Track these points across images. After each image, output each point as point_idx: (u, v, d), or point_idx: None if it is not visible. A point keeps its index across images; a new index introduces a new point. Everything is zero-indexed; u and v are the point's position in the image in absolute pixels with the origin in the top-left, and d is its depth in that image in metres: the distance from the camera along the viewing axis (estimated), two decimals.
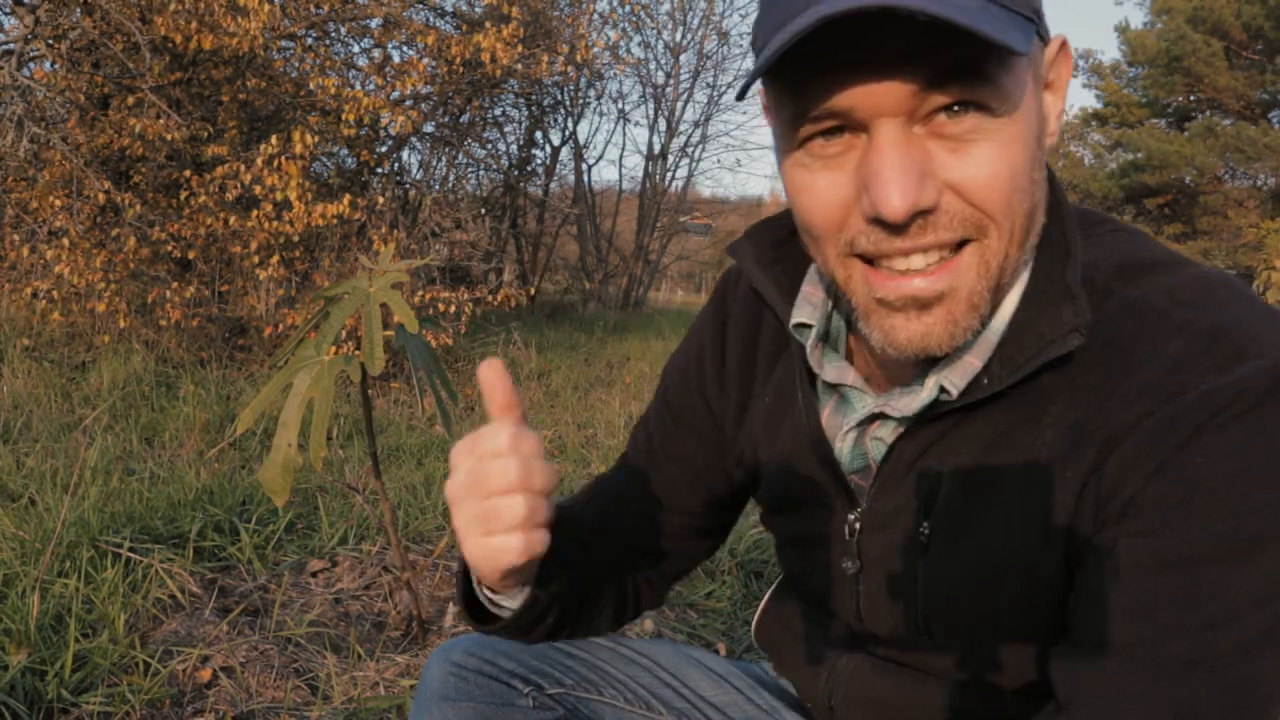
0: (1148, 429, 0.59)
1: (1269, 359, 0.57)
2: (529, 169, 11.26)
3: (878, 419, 0.72)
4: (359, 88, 5.57)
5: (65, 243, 4.67)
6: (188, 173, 4.97)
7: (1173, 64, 14.58)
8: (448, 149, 8.10)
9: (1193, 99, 15.27)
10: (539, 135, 11.14)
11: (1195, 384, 0.58)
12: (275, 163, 4.77)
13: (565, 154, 12.37)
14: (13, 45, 4.86)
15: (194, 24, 4.68)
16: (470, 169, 9.74)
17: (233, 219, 4.87)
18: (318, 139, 5.08)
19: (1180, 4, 14.57)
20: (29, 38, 4.73)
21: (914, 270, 0.59)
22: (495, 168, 10.18)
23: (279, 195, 4.73)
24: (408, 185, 7.53)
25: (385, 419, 4.12)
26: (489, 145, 9.85)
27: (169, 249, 5.01)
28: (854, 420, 0.72)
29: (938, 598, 0.71)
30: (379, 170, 6.86)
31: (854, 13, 0.50)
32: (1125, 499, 0.60)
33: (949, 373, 0.65)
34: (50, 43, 4.91)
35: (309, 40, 5.96)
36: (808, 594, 0.86)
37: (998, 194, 0.57)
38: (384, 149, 6.80)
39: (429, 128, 7.28)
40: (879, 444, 0.72)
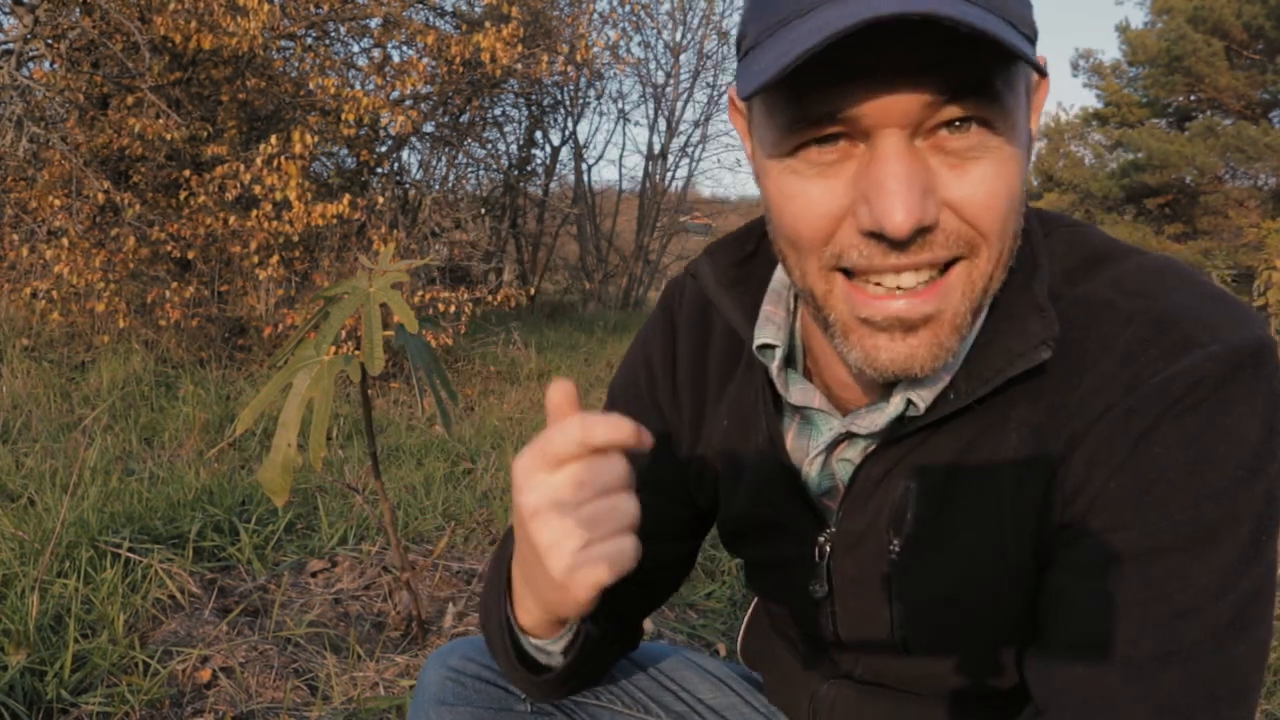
0: (1107, 424, 0.59)
1: (1220, 344, 0.57)
2: (529, 169, 11.24)
3: (845, 440, 0.71)
4: (359, 87, 5.57)
5: (65, 242, 4.66)
6: (187, 172, 4.96)
7: (1173, 64, 14.57)
8: (448, 149, 8.08)
9: (1193, 99, 15.25)
10: (539, 135, 11.13)
11: (1148, 375, 0.58)
12: (275, 162, 4.76)
13: (565, 154, 12.36)
14: (12, 45, 4.86)
15: (193, 24, 4.68)
16: (470, 169, 9.73)
17: (232, 219, 4.86)
18: (317, 139, 5.08)
19: (1181, 4, 14.56)
20: (28, 37, 4.72)
21: (903, 289, 0.57)
22: (495, 168, 10.17)
23: (279, 195, 4.72)
24: (407, 185, 7.52)
25: (385, 419, 4.11)
26: (489, 145, 9.84)
27: (168, 249, 5.00)
28: (821, 444, 0.71)
29: (914, 612, 0.70)
30: (379, 170, 6.86)
31: (901, 17, 0.47)
32: (1090, 496, 0.60)
33: (916, 388, 0.64)
34: (49, 42, 4.91)
35: (309, 40, 5.95)
36: (782, 617, 0.85)
37: (994, 213, 0.56)
38: (384, 149, 6.79)
39: (429, 128, 7.28)
40: (846, 464, 0.71)
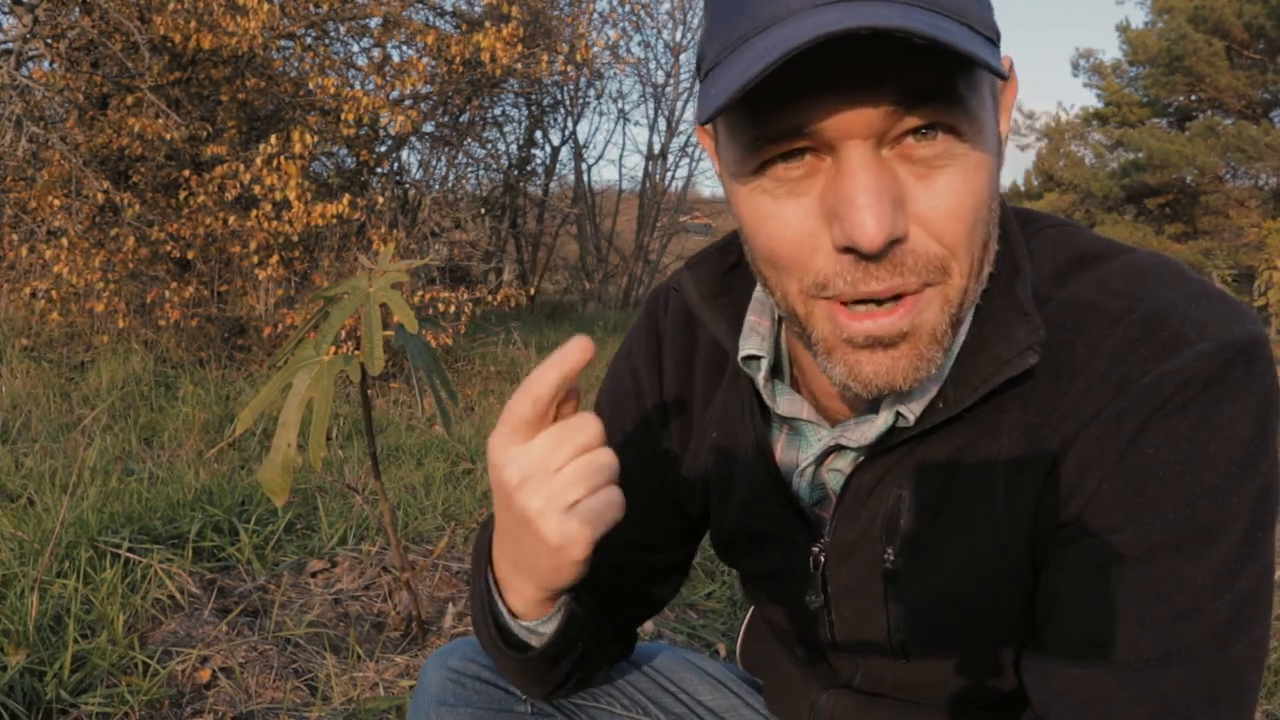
0: (1098, 425, 0.59)
1: (1210, 342, 0.57)
2: (529, 169, 11.23)
3: (834, 451, 0.70)
4: (358, 87, 5.57)
5: (64, 242, 4.66)
6: (187, 172, 4.95)
7: (1174, 63, 14.57)
8: (447, 149, 8.07)
9: (1194, 98, 15.26)
10: (539, 135, 11.12)
11: (1138, 375, 0.58)
12: (274, 162, 4.75)
13: (565, 154, 12.37)
14: (11, 44, 4.86)
15: (193, 23, 4.67)
16: (470, 169, 9.70)
17: (232, 219, 4.86)
18: (317, 139, 5.07)
19: (1181, 3, 14.56)
20: (27, 37, 4.72)
21: (875, 302, 0.56)
22: (495, 167, 10.15)
23: (278, 195, 4.72)
24: (407, 185, 7.51)
25: (385, 419, 4.11)
26: (489, 145, 9.83)
27: (168, 249, 4.99)
28: (811, 455, 0.71)
29: (910, 618, 0.70)
30: (378, 170, 6.85)
31: (854, 32, 0.47)
32: (1084, 498, 0.60)
33: (905, 400, 0.64)
34: (49, 42, 4.90)
35: (308, 40, 5.95)
36: (779, 626, 0.84)
37: (962, 224, 0.55)
38: (383, 149, 6.78)
39: (429, 127, 7.27)
40: (836, 475, 0.71)
